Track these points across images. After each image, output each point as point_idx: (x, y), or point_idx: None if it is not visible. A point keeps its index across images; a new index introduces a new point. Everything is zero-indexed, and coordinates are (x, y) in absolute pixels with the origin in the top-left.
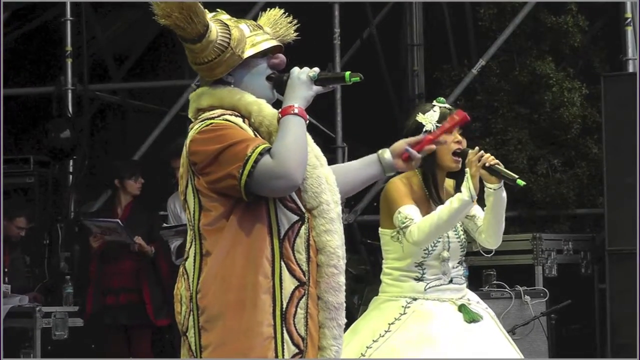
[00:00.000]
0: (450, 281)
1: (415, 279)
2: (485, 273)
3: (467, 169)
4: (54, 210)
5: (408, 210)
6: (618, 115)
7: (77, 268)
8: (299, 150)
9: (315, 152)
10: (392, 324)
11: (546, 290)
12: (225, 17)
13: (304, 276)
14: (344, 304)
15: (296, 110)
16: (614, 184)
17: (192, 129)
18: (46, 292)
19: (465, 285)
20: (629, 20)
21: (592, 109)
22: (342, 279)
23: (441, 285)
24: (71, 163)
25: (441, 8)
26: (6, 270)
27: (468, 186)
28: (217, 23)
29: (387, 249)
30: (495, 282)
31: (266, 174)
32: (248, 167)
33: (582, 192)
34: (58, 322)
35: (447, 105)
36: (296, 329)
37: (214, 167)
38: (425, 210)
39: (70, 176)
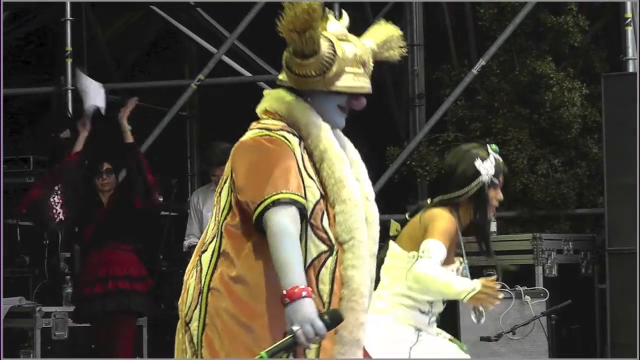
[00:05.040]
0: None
1: (421, 312)
2: (485, 273)
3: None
4: None
5: (438, 251)
6: (618, 115)
7: (76, 267)
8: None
9: (366, 192)
10: (411, 348)
11: (546, 290)
12: (338, 29)
13: (324, 308)
14: (361, 341)
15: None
16: (614, 184)
17: (251, 128)
18: (46, 292)
19: None
20: (629, 20)
21: (592, 109)
22: (363, 317)
23: (435, 320)
24: None
25: (441, 8)
26: None
27: (469, 294)
28: (328, 44)
29: None
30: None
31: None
32: (260, 207)
33: (582, 192)
34: (58, 322)
35: (499, 158)
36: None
37: (240, 177)
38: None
39: None
